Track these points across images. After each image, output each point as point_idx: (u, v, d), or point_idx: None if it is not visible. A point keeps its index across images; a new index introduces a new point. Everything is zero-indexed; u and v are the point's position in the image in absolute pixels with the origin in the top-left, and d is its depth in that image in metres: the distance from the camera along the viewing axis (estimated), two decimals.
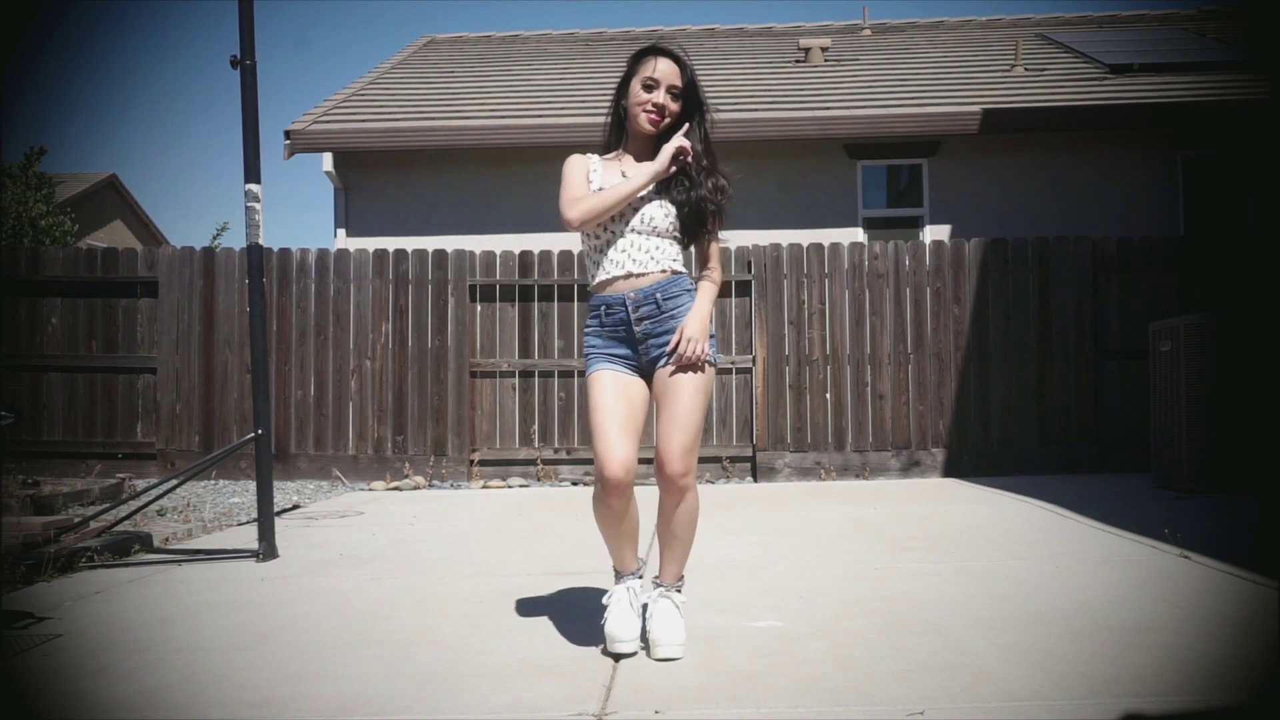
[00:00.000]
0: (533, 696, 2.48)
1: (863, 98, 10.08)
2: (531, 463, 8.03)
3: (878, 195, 9.98)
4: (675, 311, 2.78)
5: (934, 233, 9.53)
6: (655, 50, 2.82)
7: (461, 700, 2.47)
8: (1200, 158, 9.56)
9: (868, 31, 13.33)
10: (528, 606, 3.42)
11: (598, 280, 2.83)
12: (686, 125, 2.82)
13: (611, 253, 2.80)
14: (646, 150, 2.86)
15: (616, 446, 2.67)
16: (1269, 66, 9.94)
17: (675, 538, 2.81)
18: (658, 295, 2.77)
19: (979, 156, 9.66)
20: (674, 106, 2.80)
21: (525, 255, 8.20)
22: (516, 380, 8.12)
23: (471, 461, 8.08)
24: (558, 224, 2.99)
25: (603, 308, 2.81)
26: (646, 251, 2.79)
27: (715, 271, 2.89)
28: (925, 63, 11.44)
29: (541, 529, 5.36)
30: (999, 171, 9.66)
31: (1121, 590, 3.51)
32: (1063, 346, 7.95)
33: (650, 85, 2.78)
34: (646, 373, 2.83)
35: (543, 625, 3.14)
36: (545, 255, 8.16)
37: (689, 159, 2.78)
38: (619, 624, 2.79)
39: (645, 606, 2.87)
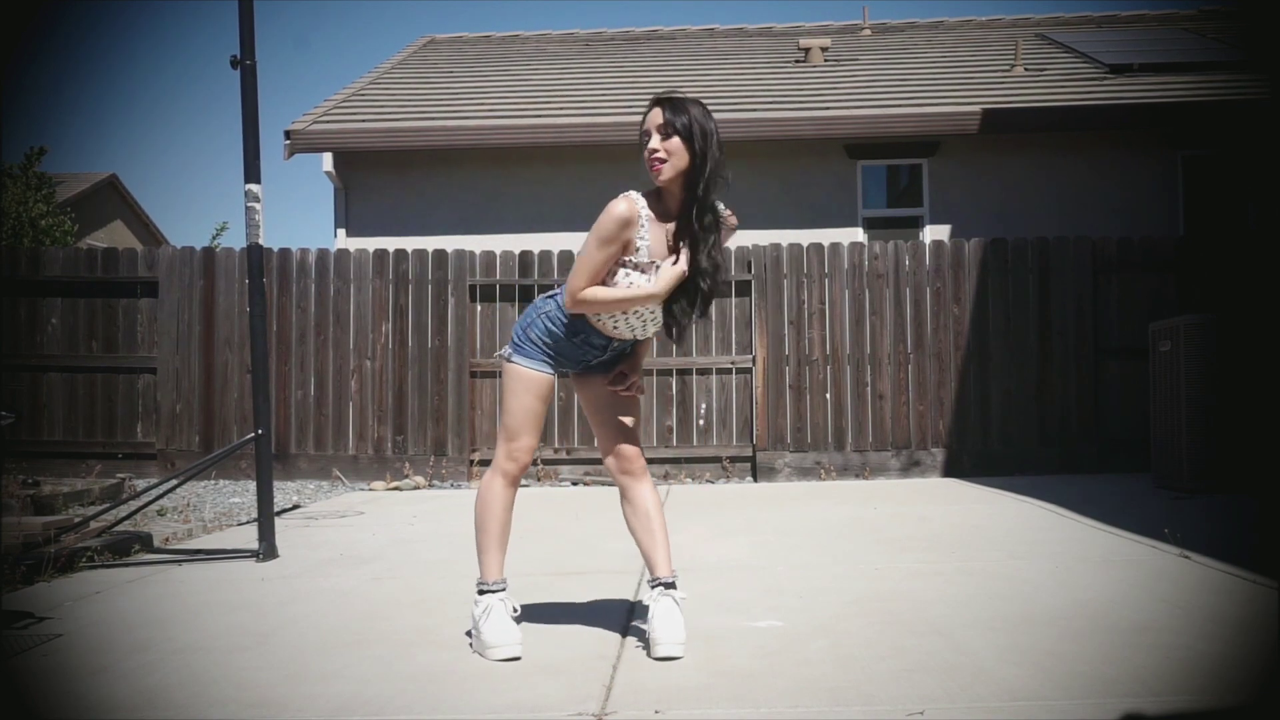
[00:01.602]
0: (533, 696, 2.48)
1: (862, 98, 10.08)
2: (532, 463, 8.01)
3: (878, 195, 9.98)
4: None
5: (934, 233, 9.53)
6: (650, 103, 2.82)
7: (461, 700, 2.48)
8: (1200, 158, 9.56)
9: (867, 31, 13.33)
10: (527, 606, 3.40)
11: (600, 321, 2.88)
12: (674, 258, 2.79)
13: (630, 316, 2.88)
14: (674, 195, 2.81)
15: (534, 441, 3.10)
16: (1269, 66, 9.94)
17: (654, 521, 2.93)
18: (631, 344, 3.02)
19: (979, 156, 9.66)
20: (668, 144, 2.73)
21: (525, 255, 8.19)
22: None
23: (471, 461, 8.09)
24: (557, 224, 2.99)
25: (582, 337, 2.94)
26: (649, 322, 2.94)
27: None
28: (925, 63, 11.44)
29: (541, 529, 5.35)
30: (999, 171, 9.66)
31: (1121, 590, 3.51)
32: (1063, 346, 7.94)
33: (645, 137, 2.79)
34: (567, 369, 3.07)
35: (543, 625, 3.14)
36: (545, 255, 8.15)
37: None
38: (499, 631, 2.82)
39: (647, 606, 2.87)
